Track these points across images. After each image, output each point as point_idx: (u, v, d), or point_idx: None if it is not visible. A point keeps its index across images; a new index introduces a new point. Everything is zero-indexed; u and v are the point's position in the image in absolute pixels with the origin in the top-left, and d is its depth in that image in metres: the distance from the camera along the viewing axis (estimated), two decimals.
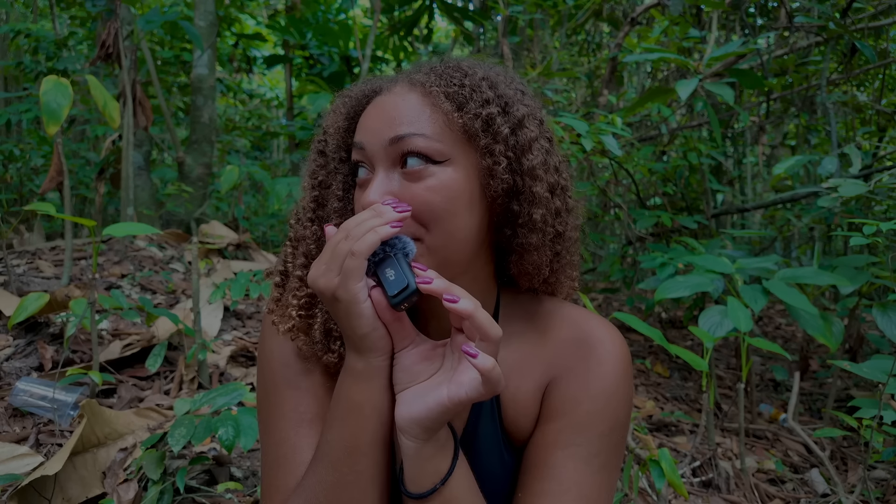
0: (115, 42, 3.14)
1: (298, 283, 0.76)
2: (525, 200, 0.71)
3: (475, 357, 0.59)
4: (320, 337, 0.74)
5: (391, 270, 0.63)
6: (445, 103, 0.68)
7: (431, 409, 0.62)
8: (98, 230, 2.58)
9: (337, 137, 0.77)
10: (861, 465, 2.02)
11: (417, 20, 5.75)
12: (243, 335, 2.66)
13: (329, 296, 0.63)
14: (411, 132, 0.67)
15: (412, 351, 0.66)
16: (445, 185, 0.67)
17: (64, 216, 1.73)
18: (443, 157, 0.67)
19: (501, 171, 0.69)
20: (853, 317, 2.56)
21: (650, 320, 3.83)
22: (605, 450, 0.73)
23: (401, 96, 0.70)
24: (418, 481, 0.65)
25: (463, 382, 0.61)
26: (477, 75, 0.71)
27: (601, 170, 4.53)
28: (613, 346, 0.76)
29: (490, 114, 0.69)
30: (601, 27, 5.94)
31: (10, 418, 1.78)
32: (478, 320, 0.60)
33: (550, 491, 0.70)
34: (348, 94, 0.77)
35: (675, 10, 3.05)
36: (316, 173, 0.79)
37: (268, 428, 0.77)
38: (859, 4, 3.36)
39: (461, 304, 0.60)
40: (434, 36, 7.31)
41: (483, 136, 0.69)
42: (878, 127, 3.95)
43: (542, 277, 0.75)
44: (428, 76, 0.71)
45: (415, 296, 0.62)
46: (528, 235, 0.71)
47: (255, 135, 7.68)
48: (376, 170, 0.69)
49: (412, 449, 0.64)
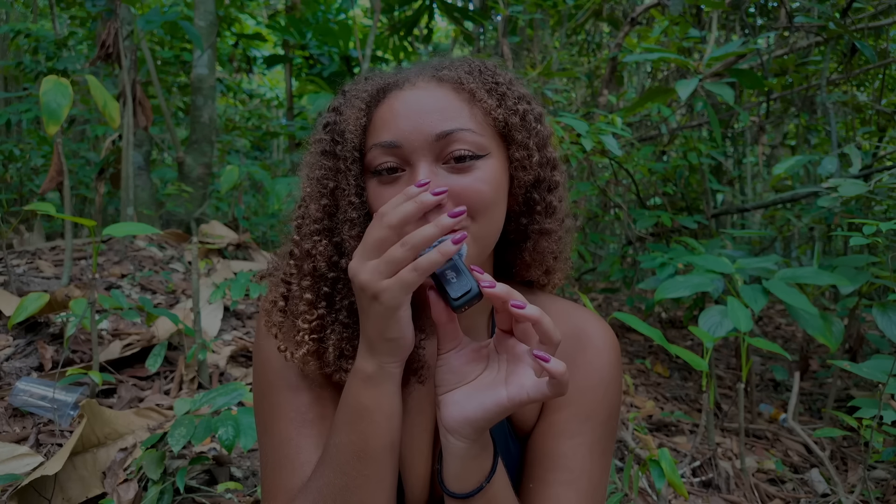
0: (115, 42, 3.14)
1: (307, 306, 0.73)
2: (545, 188, 0.76)
3: (547, 361, 0.59)
4: (333, 359, 0.72)
5: (451, 273, 0.62)
6: (487, 99, 0.71)
7: (488, 410, 0.62)
8: (98, 230, 2.58)
9: (357, 136, 0.72)
10: (861, 465, 2.02)
11: (417, 20, 5.75)
12: (243, 335, 2.66)
13: (370, 294, 0.61)
14: (460, 127, 0.68)
15: (460, 353, 0.67)
16: (491, 176, 0.70)
17: (64, 216, 1.73)
18: (484, 150, 0.70)
19: (534, 163, 0.74)
20: (853, 317, 2.56)
21: (650, 320, 3.83)
22: (605, 436, 0.77)
23: (432, 92, 0.70)
24: (464, 481, 0.66)
25: (524, 385, 0.61)
26: (507, 74, 0.76)
27: (601, 170, 4.53)
28: (607, 338, 0.81)
29: (525, 109, 0.74)
30: (601, 27, 5.94)
31: (10, 418, 1.78)
32: (544, 325, 0.60)
33: (564, 480, 0.73)
34: (363, 90, 0.74)
35: (675, 10, 3.05)
36: (325, 179, 0.73)
37: (268, 429, 0.77)
38: (859, 4, 3.36)
39: (528, 309, 0.60)
40: (434, 36, 7.31)
41: (520, 131, 0.73)
42: (878, 127, 3.94)
43: (547, 265, 0.79)
44: (458, 72, 0.73)
45: (477, 299, 0.61)
46: (545, 221, 0.76)
47: (255, 135, 7.67)
48: (416, 166, 0.68)
49: (460, 449, 0.64)
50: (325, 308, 0.73)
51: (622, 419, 2.21)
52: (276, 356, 0.78)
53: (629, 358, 3.29)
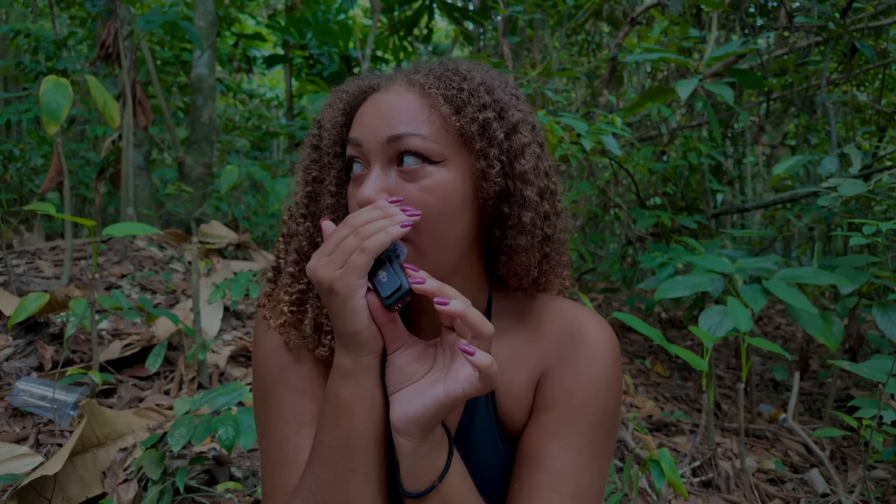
0: (115, 42, 3.14)
1: (290, 279, 0.77)
2: (515, 203, 0.72)
3: (472, 354, 0.60)
4: (311, 331, 0.75)
5: (383, 272, 0.64)
6: (444, 106, 0.69)
7: (428, 408, 0.63)
8: (98, 230, 2.58)
9: (333, 132, 0.77)
10: (861, 464, 2.02)
11: (417, 20, 5.75)
12: (243, 335, 2.66)
13: (326, 287, 0.64)
14: (409, 132, 0.68)
15: (405, 352, 0.67)
16: (440, 185, 0.68)
17: (64, 216, 1.73)
18: (439, 157, 0.69)
19: (495, 174, 0.71)
20: (853, 317, 2.56)
21: (650, 320, 3.83)
22: (597, 439, 0.75)
23: (399, 95, 0.71)
24: (416, 480, 0.66)
25: (459, 379, 0.62)
26: (475, 79, 0.73)
27: (601, 170, 4.53)
28: (603, 337, 0.78)
29: (486, 118, 0.70)
30: (601, 27, 5.95)
31: (10, 418, 1.78)
32: (470, 319, 0.61)
33: (548, 482, 0.72)
34: (345, 90, 0.78)
35: (675, 10, 3.05)
36: (310, 169, 0.79)
37: (267, 430, 0.77)
38: (859, 4, 3.36)
39: (452, 304, 0.61)
40: (434, 36, 7.32)
41: (479, 140, 0.70)
42: (877, 127, 3.94)
43: (530, 278, 0.77)
44: (427, 77, 0.72)
45: (408, 296, 0.63)
46: (517, 237, 0.73)
47: (255, 135, 7.67)
48: (372, 166, 0.70)
49: (409, 448, 0.65)
50: (305, 283, 0.77)
51: (622, 419, 2.21)
52: (274, 358, 0.78)
53: (629, 358, 3.29)
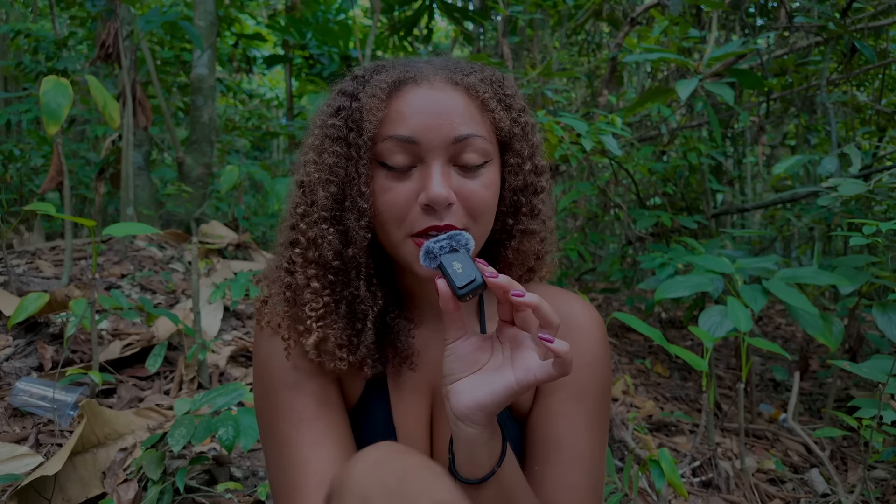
0: (115, 42, 3.14)
1: (313, 295, 0.73)
2: (531, 192, 0.80)
3: (552, 342, 0.61)
4: (333, 348, 0.75)
5: (458, 263, 0.66)
6: (498, 109, 0.74)
7: (498, 394, 0.64)
8: (98, 230, 2.58)
9: (376, 126, 0.71)
10: (861, 465, 2.02)
11: (417, 20, 5.75)
12: (243, 335, 2.66)
13: None
14: (474, 133, 0.72)
15: (466, 341, 0.68)
16: (493, 181, 0.75)
17: (64, 216, 1.73)
18: (489, 156, 0.74)
19: (526, 170, 0.78)
20: (853, 317, 2.55)
21: (650, 320, 3.83)
22: (600, 412, 0.82)
23: (447, 94, 0.72)
24: (477, 467, 0.67)
25: (531, 367, 0.64)
26: (511, 84, 0.80)
27: (601, 170, 4.53)
28: (591, 318, 0.85)
29: (528, 121, 0.79)
30: (601, 27, 5.94)
31: (10, 418, 1.78)
32: (543, 310, 0.63)
33: (567, 460, 0.77)
34: (382, 81, 0.73)
35: (675, 10, 3.05)
36: (337, 167, 0.72)
37: (268, 431, 0.77)
38: (859, 4, 3.35)
39: (528, 297, 0.63)
40: (434, 36, 7.31)
41: (520, 141, 0.78)
42: (877, 127, 3.94)
43: (529, 264, 0.83)
44: (472, 78, 0.75)
45: (481, 289, 0.65)
46: (529, 222, 0.80)
47: (255, 135, 7.66)
48: (430, 163, 0.70)
49: (473, 435, 0.65)
50: (329, 296, 0.74)
51: (622, 419, 2.21)
52: (273, 359, 0.78)
53: (629, 358, 3.29)
